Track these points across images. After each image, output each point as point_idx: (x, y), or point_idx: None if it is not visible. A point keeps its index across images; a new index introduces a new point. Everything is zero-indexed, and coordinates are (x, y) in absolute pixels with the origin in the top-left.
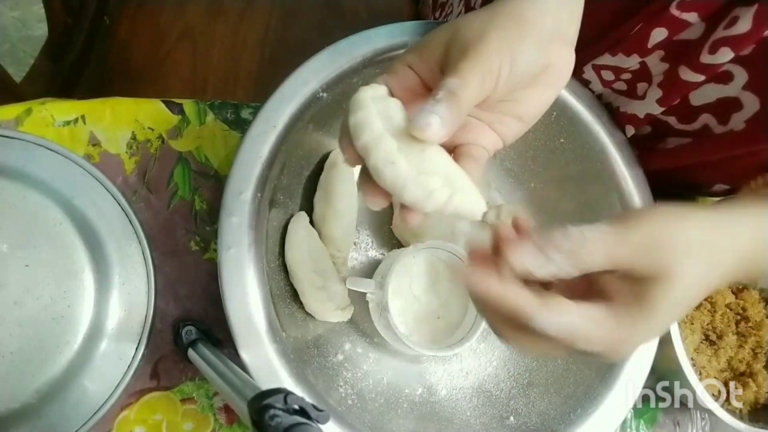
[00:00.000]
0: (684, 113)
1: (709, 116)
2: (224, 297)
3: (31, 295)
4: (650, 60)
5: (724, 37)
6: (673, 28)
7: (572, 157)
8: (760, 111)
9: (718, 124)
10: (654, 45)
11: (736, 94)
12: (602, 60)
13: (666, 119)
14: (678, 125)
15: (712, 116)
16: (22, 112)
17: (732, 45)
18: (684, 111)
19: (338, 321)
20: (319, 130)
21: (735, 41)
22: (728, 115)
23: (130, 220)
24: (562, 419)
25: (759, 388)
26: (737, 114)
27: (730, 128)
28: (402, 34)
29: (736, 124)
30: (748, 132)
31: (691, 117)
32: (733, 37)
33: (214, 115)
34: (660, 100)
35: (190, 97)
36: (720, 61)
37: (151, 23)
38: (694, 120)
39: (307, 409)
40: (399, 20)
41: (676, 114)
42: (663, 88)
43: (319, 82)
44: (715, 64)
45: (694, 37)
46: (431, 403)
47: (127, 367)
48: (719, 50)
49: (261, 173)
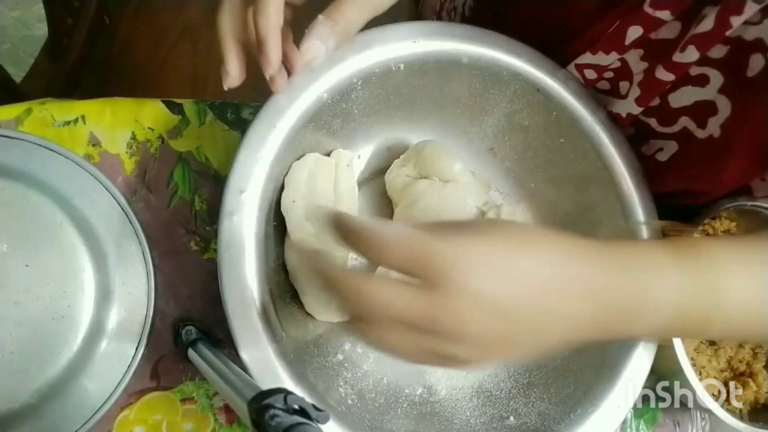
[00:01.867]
0: (663, 115)
1: (687, 119)
2: (224, 297)
3: (31, 295)
4: (630, 58)
5: (692, 35)
6: (647, 25)
7: (572, 157)
8: (730, 116)
9: (697, 127)
10: (631, 42)
11: (713, 97)
12: (584, 59)
13: (647, 120)
14: (659, 127)
15: (690, 119)
16: (22, 112)
17: (697, 43)
18: (663, 113)
19: (338, 321)
20: (319, 130)
21: (700, 40)
22: (705, 118)
23: (130, 220)
24: (562, 419)
25: (759, 388)
26: (713, 118)
27: (709, 133)
28: (403, 34)
29: (713, 128)
30: (723, 138)
31: (670, 119)
32: (699, 36)
33: (214, 115)
34: (638, 99)
35: (190, 97)
36: (688, 60)
37: (151, 23)
38: (674, 122)
39: (307, 409)
40: (399, 20)
41: (656, 116)
42: (641, 87)
43: (320, 82)
44: (684, 63)
45: (671, 36)
46: (431, 403)
47: (127, 367)
48: (687, 48)
49: (261, 173)
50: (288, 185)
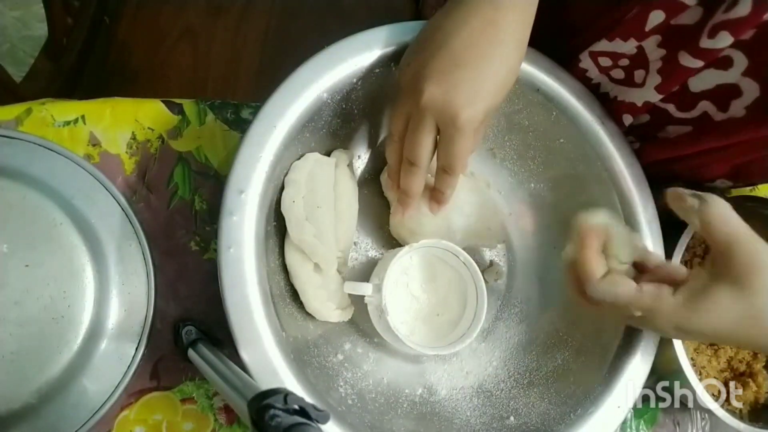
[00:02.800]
0: (683, 100)
1: (708, 103)
2: (224, 297)
3: (31, 295)
4: (648, 45)
5: (723, 20)
6: (670, 10)
7: (572, 157)
8: (760, 97)
9: (718, 111)
10: (651, 28)
11: (736, 80)
12: (599, 46)
13: (665, 107)
14: (677, 113)
15: (711, 103)
16: (22, 112)
17: (731, 29)
18: (683, 98)
19: (338, 321)
20: (319, 130)
21: (734, 25)
22: (728, 101)
23: (130, 220)
24: (562, 419)
25: (759, 388)
26: (736, 101)
27: (730, 115)
28: (403, 34)
29: (736, 110)
30: (748, 118)
31: (690, 104)
32: (733, 21)
33: (214, 115)
34: (659, 86)
35: (190, 97)
36: (719, 46)
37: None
38: (693, 107)
39: (307, 409)
40: (400, 20)
41: (674, 101)
42: (662, 74)
43: (320, 82)
44: (714, 49)
45: (691, 21)
46: (431, 403)
47: (127, 367)
48: (718, 34)
49: (261, 173)
50: (288, 185)
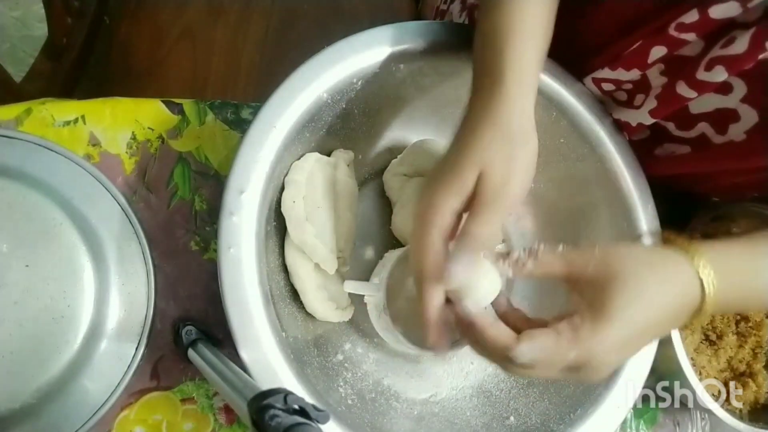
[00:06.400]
0: (682, 120)
1: (706, 125)
2: (224, 297)
3: (31, 295)
4: (650, 73)
5: (721, 56)
6: (671, 45)
7: (572, 158)
8: (759, 124)
9: (716, 133)
10: (654, 60)
11: (734, 105)
12: (602, 74)
13: (665, 124)
14: (676, 131)
15: (710, 125)
16: (22, 112)
17: (727, 65)
18: (682, 118)
19: (338, 321)
20: (319, 130)
21: (730, 61)
22: (725, 125)
23: (130, 220)
24: (562, 419)
25: (759, 388)
26: (735, 125)
27: (730, 139)
28: (403, 34)
29: (735, 135)
30: (748, 143)
31: (689, 124)
32: (729, 57)
33: (214, 115)
34: (653, 111)
35: (190, 97)
36: (715, 80)
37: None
38: (692, 127)
39: (307, 409)
40: (400, 20)
41: (674, 120)
42: (659, 100)
43: (320, 82)
44: (710, 82)
45: (693, 53)
46: (431, 403)
47: (127, 367)
48: (714, 68)
49: (261, 173)
50: (288, 185)
